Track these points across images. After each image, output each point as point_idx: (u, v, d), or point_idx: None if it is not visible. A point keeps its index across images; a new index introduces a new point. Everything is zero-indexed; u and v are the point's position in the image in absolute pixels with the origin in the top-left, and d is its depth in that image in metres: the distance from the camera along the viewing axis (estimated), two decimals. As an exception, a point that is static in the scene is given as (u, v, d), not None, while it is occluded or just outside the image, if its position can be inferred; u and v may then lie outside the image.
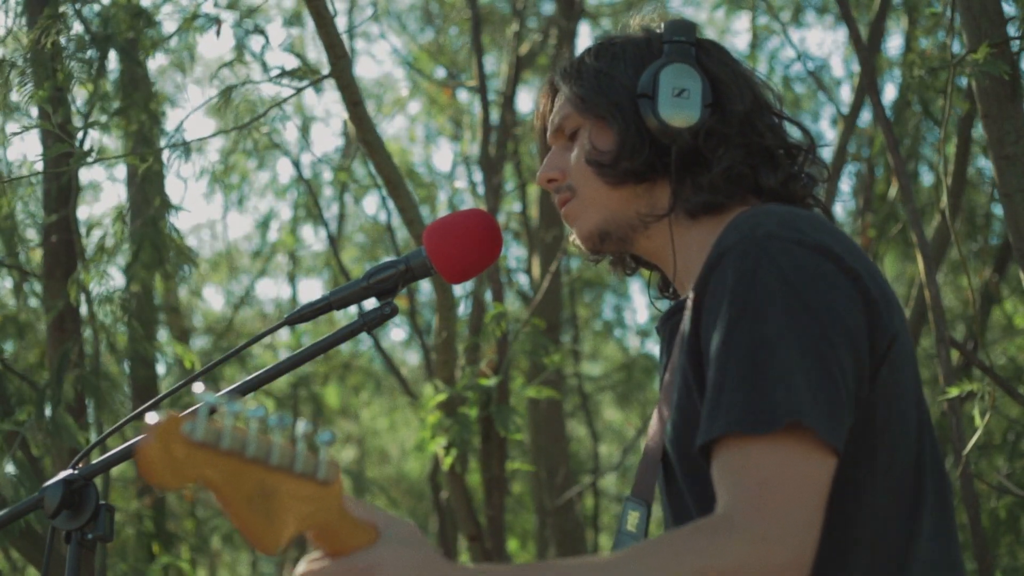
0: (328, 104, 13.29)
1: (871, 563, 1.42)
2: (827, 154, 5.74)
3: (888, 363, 1.43)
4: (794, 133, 1.69)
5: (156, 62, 4.75)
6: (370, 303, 1.69)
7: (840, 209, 7.11)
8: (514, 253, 7.76)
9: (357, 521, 1.23)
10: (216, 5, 4.29)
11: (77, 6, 3.90)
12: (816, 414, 1.32)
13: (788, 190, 1.62)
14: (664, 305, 1.77)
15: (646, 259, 1.74)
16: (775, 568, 1.26)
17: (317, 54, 7.13)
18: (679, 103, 1.58)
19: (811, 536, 1.29)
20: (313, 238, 9.26)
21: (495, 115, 5.94)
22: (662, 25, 1.68)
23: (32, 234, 4.41)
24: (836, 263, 1.42)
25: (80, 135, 3.95)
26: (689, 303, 1.48)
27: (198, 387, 1.14)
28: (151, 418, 1.10)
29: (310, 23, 5.67)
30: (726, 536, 1.27)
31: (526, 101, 8.53)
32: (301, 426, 1.18)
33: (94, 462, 1.65)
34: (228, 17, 4.33)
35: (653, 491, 1.58)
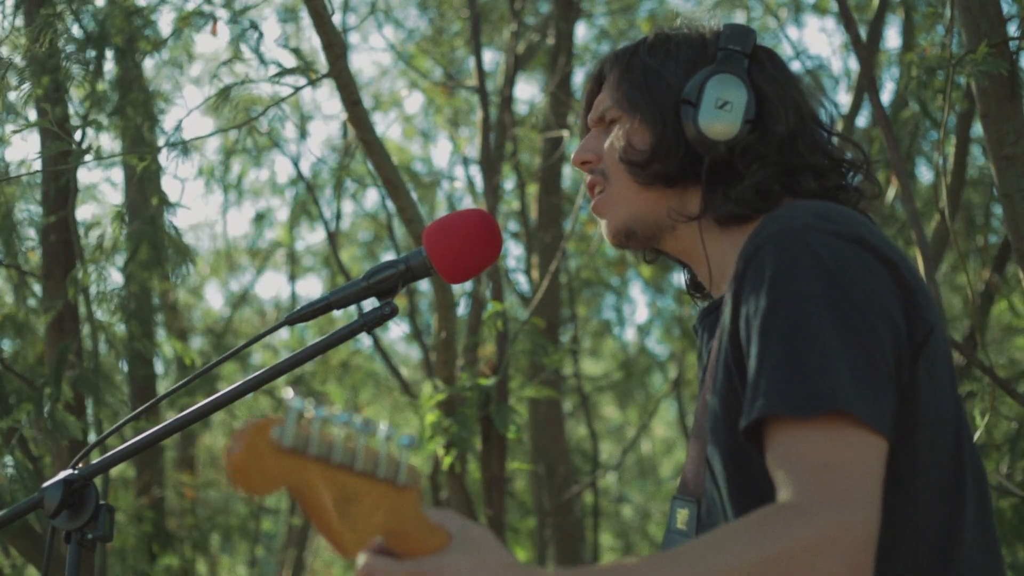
0: (325, 100, 13.28)
1: (916, 552, 1.42)
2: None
3: (925, 355, 1.44)
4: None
5: (153, 61, 4.75)
6: (370, 303, 1.69)
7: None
8: (513, 253, 7.76)
9: (431, 525, 1.23)
10: (210, 2, 4.29)
11: (73, 6, 3.89)
12: (860, 400, 1.33)
13: (829, 196, 1.61)
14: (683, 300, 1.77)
15: (674, 256, 1.75)
16: (849, 546, 1.26)
17: (312, 48, 7.12)
18: (720, 115, 1.58)
19: (876, 514, 1.30)
20: (312, 237, 9.26)
21: (494, 114, 5.93)
22: (721, 26, 1.67)
23: (31, 234, 4.41)
24: (873, 253, 1.43)
25: (79, 134, 3.95)
26: (727, 297, 1.49)
27: (287, 392, 1.15)
28: (239, 424, 1.10)
29: (305, 19, 5.67)
30: (797, 521, 1.27)
31: (524, 101, 8.53)
32: (383, 430, 1.19)
33: (94, 462, 1.65)
34: (223, 14, 4.33)
35: (702, 487, 1.56)
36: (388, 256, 7.16)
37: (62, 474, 1.63)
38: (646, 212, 1.67)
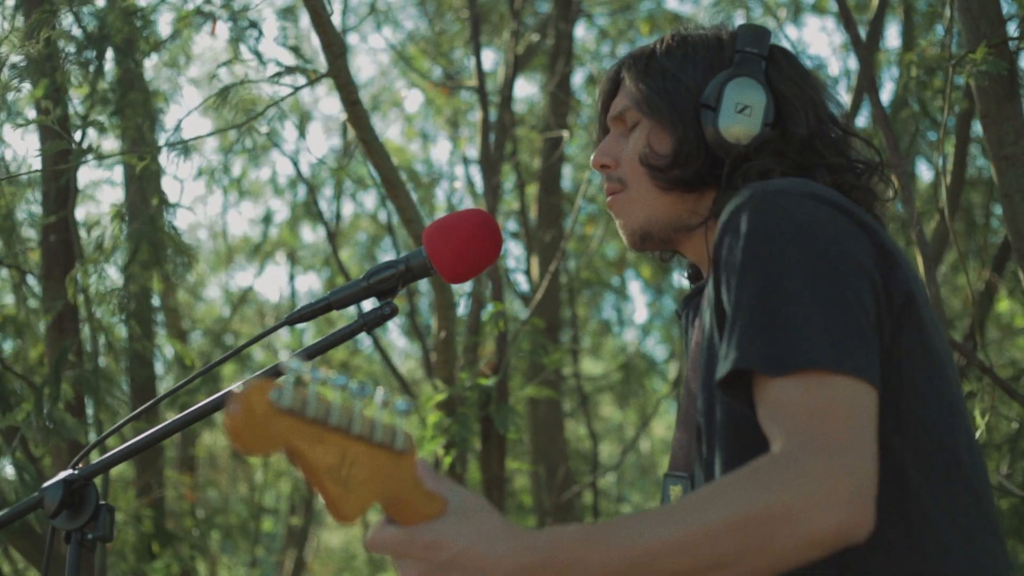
0: (325, 100, 13.27)
1: (909, 535, 1.40)
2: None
3: (912, 324, 1.43)
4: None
5: (152, 61, 4.75)
6: (370, 303, 1.69)
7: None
8: (513, 253, 7.77)
9: (428, 492, 1.24)
10: (210, 2, 4.29)
11: (74, 6, 3.89)
12: (837, 353, 1.32)
13: (841, 192, 1.61)
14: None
15: (689, 258, 1.76)
16: (844, 493, 1.25)
17: (312, 49, 7.12)
18: (740, 119, 1.60)
19: (871, 460, 1.28)
20: (312, 237, 9.25)
21: (493, 115, 5.93)
22: (737, 27, 1.68)
23: (31, 234, 4.41)
24: (848, 216, 1.44)
25: (79, 134, 3.95)
26: (710, 269, 1.49)
27: (284, 354, 1.15)
28: (237, 385, 1.10)
29: (305, 19, 5.66)
30: (790, 469, 1.26)
31: (523, 101, 8.53)
32: (380, 395, 1.19)
33: (94, 462, 1.65)
34: (222, 14, 4.33)
35: (693, 462, 1.56)
36: (388, 256, 7.16)
37: (62, 474, 1.63)
38: (663, 216, 1.68)
